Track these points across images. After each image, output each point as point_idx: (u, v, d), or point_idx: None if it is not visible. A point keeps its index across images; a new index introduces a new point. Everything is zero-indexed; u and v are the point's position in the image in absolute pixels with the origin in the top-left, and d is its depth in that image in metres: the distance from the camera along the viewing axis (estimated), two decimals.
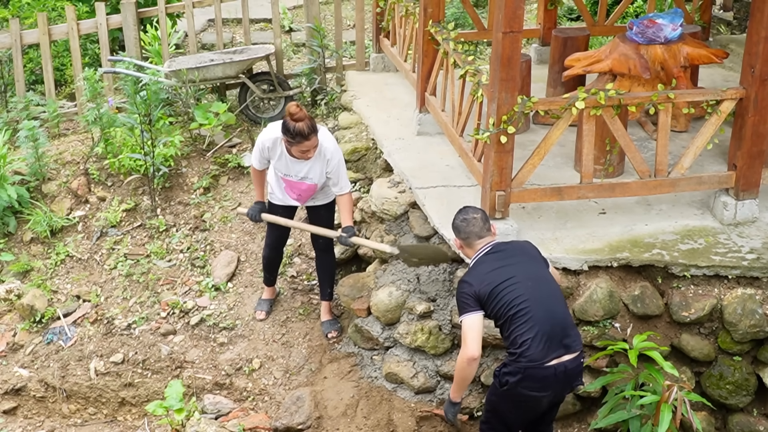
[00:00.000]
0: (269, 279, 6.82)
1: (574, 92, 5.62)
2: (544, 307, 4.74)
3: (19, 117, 8.47)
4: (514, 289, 4.75)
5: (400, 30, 8.01)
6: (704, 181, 5.91)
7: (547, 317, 4.71)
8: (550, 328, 4.69)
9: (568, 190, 5.74)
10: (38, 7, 9.60)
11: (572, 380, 4.82)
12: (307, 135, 5.67)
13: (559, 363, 4.69)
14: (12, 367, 6.80)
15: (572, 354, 4.74)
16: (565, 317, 4.84)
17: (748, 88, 5.66)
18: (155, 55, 8.83)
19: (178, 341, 6.74)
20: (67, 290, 7.25)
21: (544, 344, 4.66)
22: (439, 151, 6.89)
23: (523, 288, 4.76)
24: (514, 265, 4.86)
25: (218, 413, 6.36)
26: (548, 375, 4.68)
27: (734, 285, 5.60)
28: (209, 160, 8.04)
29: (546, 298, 4.79)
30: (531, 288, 4.77)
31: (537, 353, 4.64)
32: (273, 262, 6.74)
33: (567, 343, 4.73)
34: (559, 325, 4.74)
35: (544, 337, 4.66)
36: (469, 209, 5.11)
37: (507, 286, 4.76)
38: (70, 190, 7.88)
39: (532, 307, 4.71)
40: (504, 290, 4.75)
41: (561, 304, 4.87)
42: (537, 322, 4.68)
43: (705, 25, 8.53)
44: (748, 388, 5.64)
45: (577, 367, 4.80)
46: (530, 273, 4.87)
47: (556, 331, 4.71)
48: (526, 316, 4.69)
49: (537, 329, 4.66)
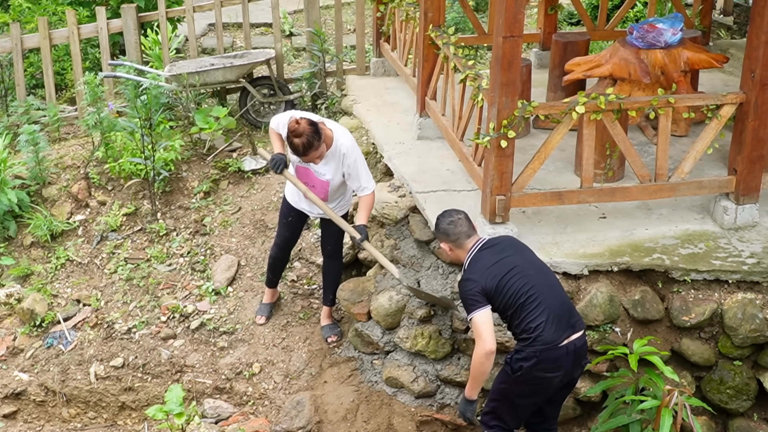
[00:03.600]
0: (272, 280, 6.78)
1: (575, 97, 5.63)
2: (551, 292, 4.91)
3: (20, 121, 8.47)
4: (520, 278, 4.88)
5: (400, 34, 8.02)
6: (704, 186, 5.91)
7: (555, 300, 4.88)
8: (559, 311, 4.86)
9: (569, 195, 5.74)
10: (39, 12, 9.60)
11: (581, 358, 4.95)
12: (303, 152, 5.63)
13: (570, 342, 4.84)
14: (12, 371, 6.80)
15: (579, 332, 4.90)
16: (568, 299, 5.05)
17: (748, 92, 5.66)
18: (156, 60, 8.84)
19: (178, 345, 6.74)
20: (67, 294, 7.25)
21: (556, 326, 4.81)
22: (440, 155, 6.89)
23: (528, 276, 4.89)
24: (512, 256, 4.99)
25: (218, 417, 6.36)
26: (561, 355, 4.82)
27: (734, 289, 5.60)
28: (210, 164, 8.04)
29: (550, 284, 4.96)
30: (534, 276, 4.92)
31: (550, 335, 4.79)
32: (279, 262, 6.68)
33: (573, 322, 4.91)
34: (566, 307, 4.93)
35: (555, 319, 4.82)
36: (450, 212, 5.21)
37: (512, 276, 4.88)
38: (71, 194, 7.88)
39: (541, 293, 4.85)
40: (510, 280, 4.87)
41: (562, 288, 5.06)
42: (547, 306, 4.83)
43: (705, 30, 8.53)
44: (749, 392, 5.64)
45: (584, 345, 4.96)
46: (530, 261, 5.03)
47: (564, 312, 4.88)
48: (536, 301, 4.82)
49: (548, 313, 4.81)
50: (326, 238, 6.40)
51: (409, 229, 6.36)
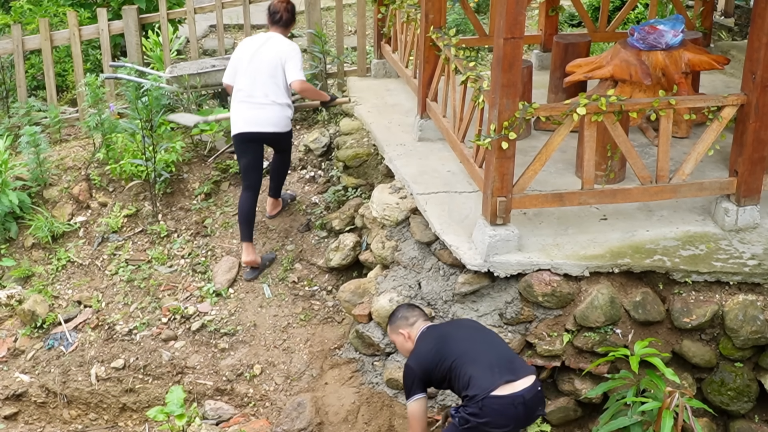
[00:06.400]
0: (245, 233, 7.06)
1: (576, 98, 5.63)
2: (487, 348, 5.03)
3: (21, 122, 8.48)
4: (454, 346, 5.03)
5: (401, 36, 8.02)
6: (705, 187, 5.91)
7: (490, 352, 5.00)
8: (495, 359, 4.94)
9: (570, 196, 5.74)
10: (40, 13, 9.62)
11: (533, 410, 4.93)
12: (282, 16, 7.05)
13: (515, 393, 4.81)
14: (13, 372, 6.80)
15: (523, 379, 4.87)
16: (508, 350, 5.15)
17: (749, 94, 5.66)
18: (157, 61, 8.85)
19: (179, 347, 6.74)
20: (68, 296, 7.26)
21: (490, 372, 4.86)
22: (441, 156, 6.89)
23: (462, 341, 5.06)
24: (451, 330, 5.22)
25: (219, 419, 6.36)
26: (505, 406, 4.80)
27: (735, 291, 5.60)
28: (210, 165, 8.04)
29: (487, 340, 5.12)
30: (468, 338, 5.10)
31: (485, 381, 4.83)
32: (247, 206, 7.01)
33: (513, 368, 4.92)
34: (503, 355, 5.00)
35: (489, 367, 4.89)
36: (401, 307, 5.49)
37: (449, 346, 5.04)
38: (72, 195, 7.89)
39: (472, 349, 4.99)
40: (446, 350, 5.02)
41: (501, 343, 5.19)
42: (478, 357, 4.94)
43: (706, 32, 8.53)
44: (750, 394, 5.64)
45: (536, 396, 4.92)
46: (467, 328, 5.26)
47: (501, 360, 4.96)
48: (469, 357, 4.95)
49: (480, 362, 4.91)
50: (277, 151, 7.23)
51: (410, 230, 6.36)
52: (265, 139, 6.95)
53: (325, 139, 8.21)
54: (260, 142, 6.95)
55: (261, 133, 6.86)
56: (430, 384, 5.15)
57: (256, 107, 6.81)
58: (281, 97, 6.84)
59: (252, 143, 6.92)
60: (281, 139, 7.05)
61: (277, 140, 7.04)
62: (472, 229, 5.77)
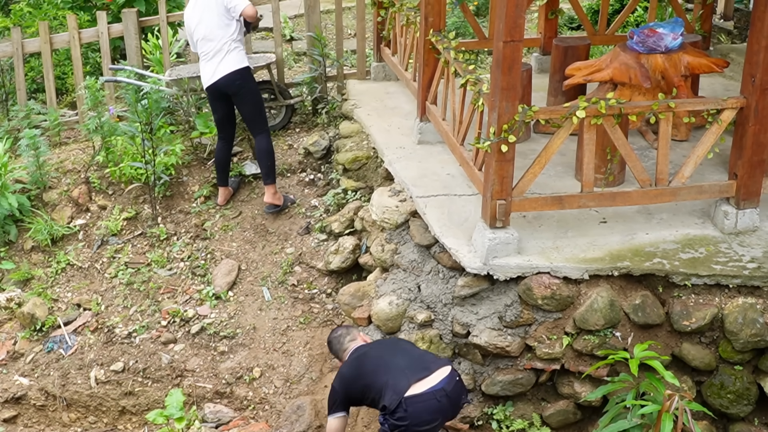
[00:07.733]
0: (221, 178, 7.70)
1: (575, 101, 5.63)
2: (395, 357, 5.16)
3: (21, 125, 8.49)
4: (368, 363, 5.21)
5: (401, 39, 8.03)
6: (705, 190, 5.91)
7: (399, 358, 5.13)
8: (404, 363, 5.07)
9: (569, 199, 5.74)
10: (40, 16, 9.63)
11: (457, 399, 5.07)
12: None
13: (434, 388, 4.93)
14: (12, 375, 6.80)
15: (436, 372, 5.00)
16: (418, 351, 5.33)
17: (748, 97, 5.66)
18: (156, 64, 8.85)
19: (178, 350, 6.74)
20: (67, 299, 7.25)
21: (402, 375, 4.98)
22: (440, 159, 6.89)
23: (375, 358, 5.22)
24: (369, 350, 5.35)
25: (218, 422, 6.35)
26: (428, 401, 4.92)
27: (735, 294, 5.60)
28: (210, 168, 8.04)
29: (396, 350, 5.25)
30: (381, 354, 5.25)
31: (399, 384, 4.96)
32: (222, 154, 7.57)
33: (424, 365, 5.07)
34: (413, 357, 5.16)
35: (399, 371, 5.03)
36: (337, 329, 5.68)
37: (364, 366, 5.21)
38: (71, 198, 7.89)
39: (384, 363, 5.13)
40: (362, 370, 5.20)
41: (413, 347, 5.38)
42: (390, 367, 5.08)
43: (705, 35, 8.54)
44: (749, 397, 5.64)
45: (456, 385, 5.06)
46: (383, 345, 5.44)
47: (410, 362, 5.09)
48: (381, 369, 5.10)
49: (392, 370, 5.04)
50: (244, 113, 7.49)
51: (410, 233, 6.36)
52: (229, 83, 7.28)
53: (324, 142, 8.22)
54: (226, 94, 7.39)
55: (224, 78, 7.26)
56: (352, 403, 5.31)
57: (216, 59, 7.27)
58: (235, 34, 7.29)
59: (220, 101, 7.45)
60: (242, 77, 7.33)
61: (239, 80, 7.30)
62: (471, 232, 5.77)
